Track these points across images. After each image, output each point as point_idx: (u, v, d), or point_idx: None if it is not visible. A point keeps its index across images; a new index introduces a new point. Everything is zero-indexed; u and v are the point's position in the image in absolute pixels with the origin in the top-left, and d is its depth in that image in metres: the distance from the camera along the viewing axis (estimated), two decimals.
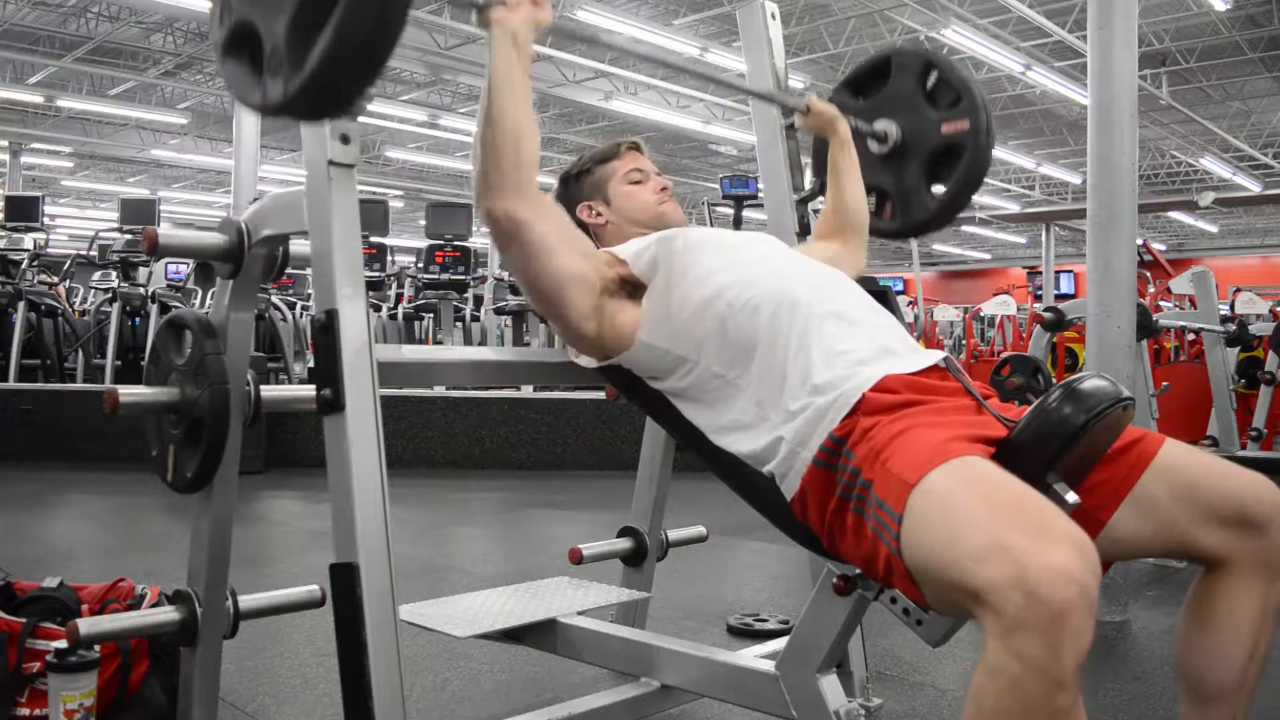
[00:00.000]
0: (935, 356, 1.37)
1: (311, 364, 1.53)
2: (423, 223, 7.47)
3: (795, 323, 1.35)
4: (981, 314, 11.98)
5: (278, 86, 0.99)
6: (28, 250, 6.66)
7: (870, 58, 2.00)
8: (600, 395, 5.08)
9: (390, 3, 0.93)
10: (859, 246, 1.83)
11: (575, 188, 1.73)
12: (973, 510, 1.03)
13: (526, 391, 5.91)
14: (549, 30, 1.42)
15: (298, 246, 1.56)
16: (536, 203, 1.38)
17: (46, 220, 7.32)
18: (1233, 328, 5.44)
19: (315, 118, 1.30)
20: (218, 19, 1.10)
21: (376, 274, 7.45)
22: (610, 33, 9.06)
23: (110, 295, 6.94)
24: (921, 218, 1.92)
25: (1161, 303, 8.52)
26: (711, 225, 6.61)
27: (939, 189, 1.90)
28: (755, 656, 1.59)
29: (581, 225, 1.72)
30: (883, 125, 1.91)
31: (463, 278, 7.09)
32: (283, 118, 1.04)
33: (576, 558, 2.12)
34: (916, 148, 1.90)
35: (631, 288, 1.49)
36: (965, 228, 21.77)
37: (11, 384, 5.96)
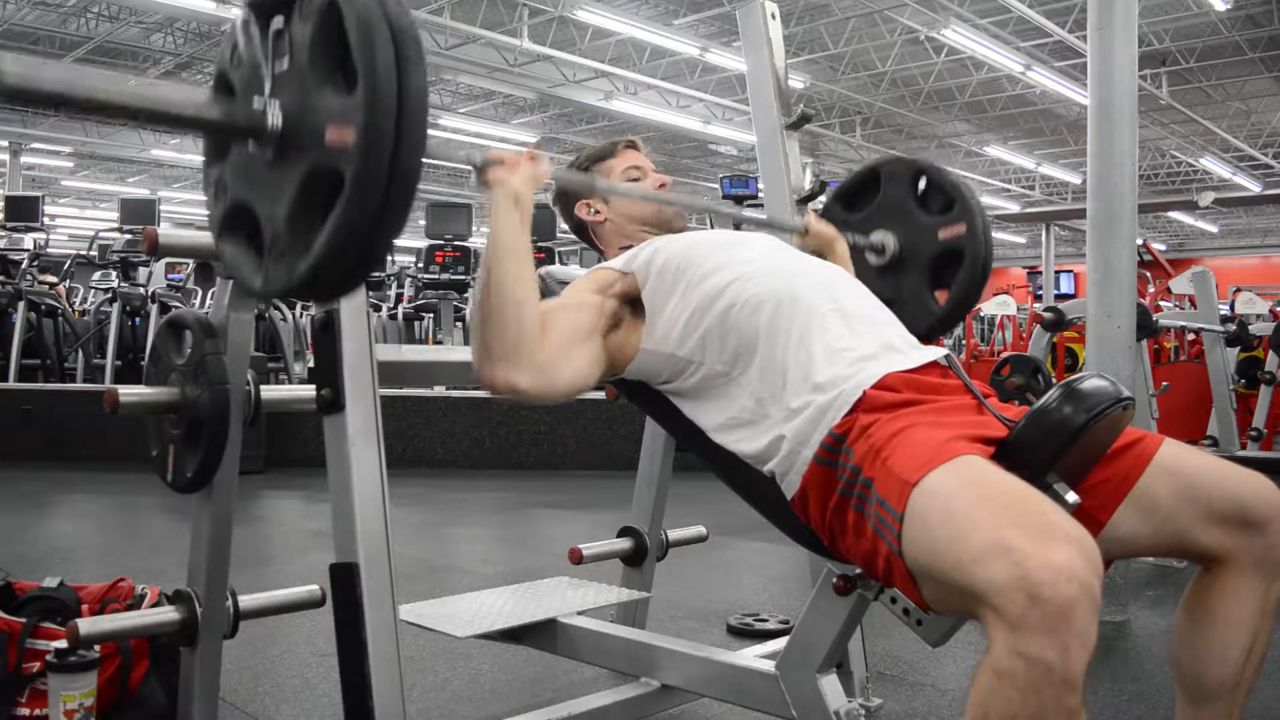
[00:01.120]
0: (936, 353, 1.37)
1: (311, 364, 1.53)
2: (423, 223, 7.47)
3: (796, 319, 1.35)
4: (981, 314, 11.98)
5: (280, 274, 0.98)
6: (28, 250, 6.66)
7: (857, 172, 2.00)
8: (600, 395, 5.08)
9: (395, 190, 0.90)
10: None
11: None
12: (974, 510, 1.03)
13: None
14: (549, 183, 1.41)
15: None
16: (534, 367, 1.32)
17: (46, 220, 7.33)
18: (1233, 328, 5.44)
19: (321, 300, 1.31)
20: (212, 197, 1.09)
21: (376, 274, 7.45)
22: (607, 184, 9.04)
23: (110, 295, 6.94)
24: (926, 325, 1.91)
25: (1161, 303, 8.53)
26: (711, 225, 6.60)
27: (941, 294, 1.90)
28: (755, 656, 1.59)
29: (580, 223, 1.72)
30: (879, 237, 1.91)
31: (463, 278, 7.08)
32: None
33: (576, 558, 2.12)
34: (915, 256, 1.89)
35: (634, 303, 1.48)
36: None
37: (11, 384, 5.96)
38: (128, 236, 6.72)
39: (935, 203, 1.88)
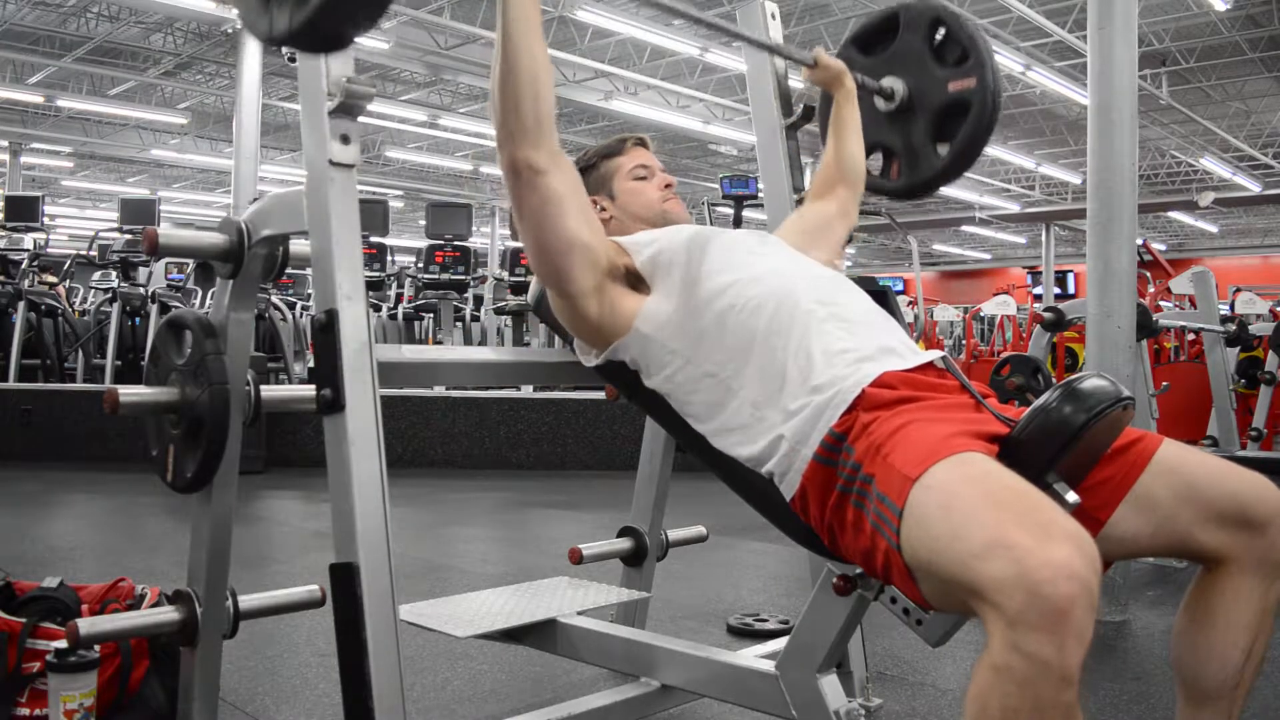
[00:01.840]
0: (933, 355, 1.38)
1: (311, 364, 1.53)
2: (423, 223, 7.47)
3: (796, 322, 1.35)
4: (981, 314, 11.99)
5: (284, 18, 0.99)
6: (28, 250, 6.67)
7: (879, 13, 1.98)
8: (600, 395, 5.09)
9: None
10: (852, 204, 1.83)
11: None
12: (974, 507, 1.03)
13: (526, 391, 5.92)
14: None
15: (298, 246, 1.56)
16: (555, 155, 1.37)
17: (46, 220, 7.33)
18: (1233, 328, 5.43)
19: (320, 51, 1.30)
20: None
21: (376, 274, 7.45)
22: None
23: (110, 295, 6.94)
24: (927, 175, 1.91)
25: (1161, 303, 8.52)
26: (712, 225, 6.61)
27: (945, 147, 1.89)
28: (755, 656, 1.59)
29: None
30: (889, 82, 1.90)
31: (463, 278, 7.09)
32: (289, 48, 1.04)
33: (576, 558, 2.12)
34: (923, 105, 1.89)
35: (634, 278, 1.50)
36: (965, 228, 21.77)
37: (11, 384, 5.96)
38: (128, 236, 6.72)
39: (950, 54, 1.86)
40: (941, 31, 1.88)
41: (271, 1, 1.00)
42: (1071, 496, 1.18)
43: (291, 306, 7.58)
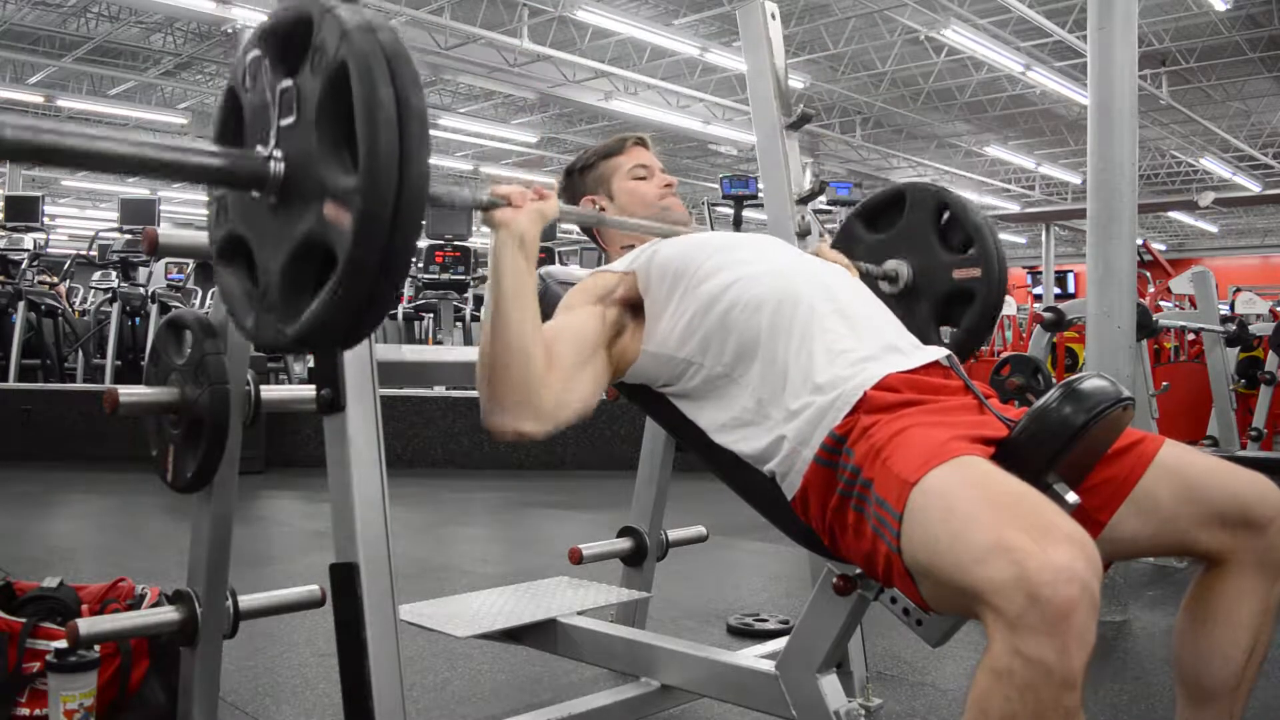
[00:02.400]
0: (938, 354, 1.37)
1: (311, 364, 1.53)
2: (423, 223, 7.47)
3: (798, 320, 1.35)
4: None
5: (269, 326, 0.98)
6: (28, 250, 6.66)
7: (885, 191, 2.00)
8: (600, 395, 5.08)
9: (383, 277, 0.90)
10: None
11: (579, 181, 1.74)
12: (974, 510, 1.03)
13: None
14: (556, 218, 1.39)
15: None
16: (545, 403, 1.31)
17: (46, 220, 7.32)
18: (1233, 328, 5.43)
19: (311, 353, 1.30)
20: (214, 213, 1.07)
21: None
22: (613, 220, 9.03)
23: (110, 295, 6.94)
24: None
25: (1161, 303, 8.53)
26: (711, 225, 6.61)
27: (947, 330, 1.90)
28: (755, 656, 1.59)
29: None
30: (894, 265, 1.91)
31: (463, 278, 7.08)
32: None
33: (576, 558, 2.12)
34: (927, 289, 1.90)
35: (634, 308, 1.47)
36: None
37: (11, 384, 5.96)
38: (128, 236, 6.72)
39: (955, 238, 1.88)
40: (946, 215, 1.89)
41: (259, 307, 0.99)
42: (1071, 497, 1.18)
43: None
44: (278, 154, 0.95)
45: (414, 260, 9.63)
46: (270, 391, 1.61)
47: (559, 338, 1.37)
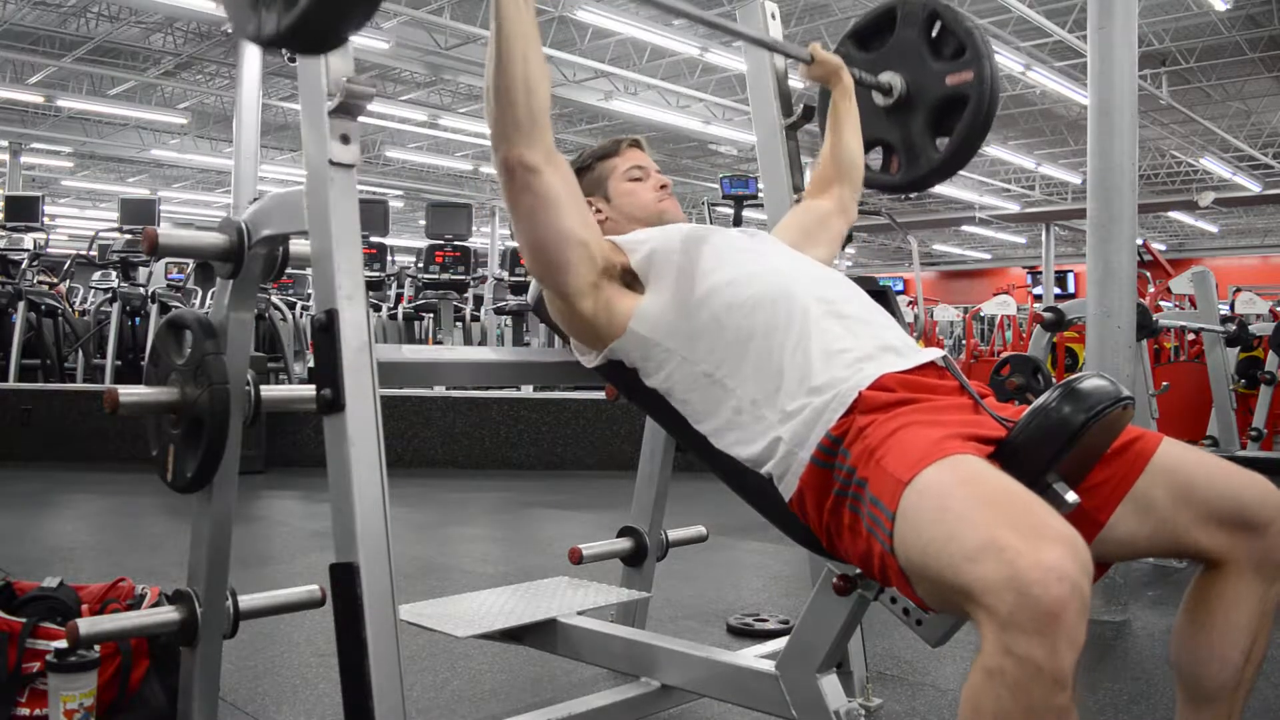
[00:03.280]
0: (933, 354, 1.37)
1: (311, 364, 1.53)
2: (423, 223, 7.47)
3: (793, 321, 1.35)
4: (981, 314, 11.99)
5: (271, 20, 0.99)
6: (28, 250, 6.67)
7: (875, 8, 1.99)
8: (600, 395, 5.08)
9: None
10: (851, 200, 1.84)
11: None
12: (966, 509, 1.03)
13: (526, 391, 5.92)
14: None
15: (298, 246, 1.56)
16: (550, 153, 1.38)
17: (46, 220, 7.33)
18: (1233, 328, 5.44)
19: (311, 52, 1.31)
20: None
21: (376, 274, 7.45)
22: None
23: (110, 295, 6.94)
24: (926, 170, 1.91)
25: (1161, 303, 8.52)
26: (711, 222, 6.60)
27: (944, 141, 1.89)
28: (755, 656, 1.58)
29: None
30: (887, 77, 1.90)
31: (463, 278, 7.08)
32: (276, 49, 1.05)
33: (576, 558, 2.12)
34: (921, 99, 1.89)
35: (630, 277, 1.50)
36: (965, 228, 21.77)
37: (11, 384, 5.96)
38: (128, 236, 6.72)
39: (947, 48, 1.87)
40: (938, 26, 1.88)
41: (260, 3, 1.00)
42: (1071, 496, 1.18)
43: (291, 306, 7.58)
44: None
45: (414, 260, 9.60)
46: (270, 391, 1.61)
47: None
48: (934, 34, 1.88)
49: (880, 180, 1.97)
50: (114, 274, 7.10)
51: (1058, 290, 14.83)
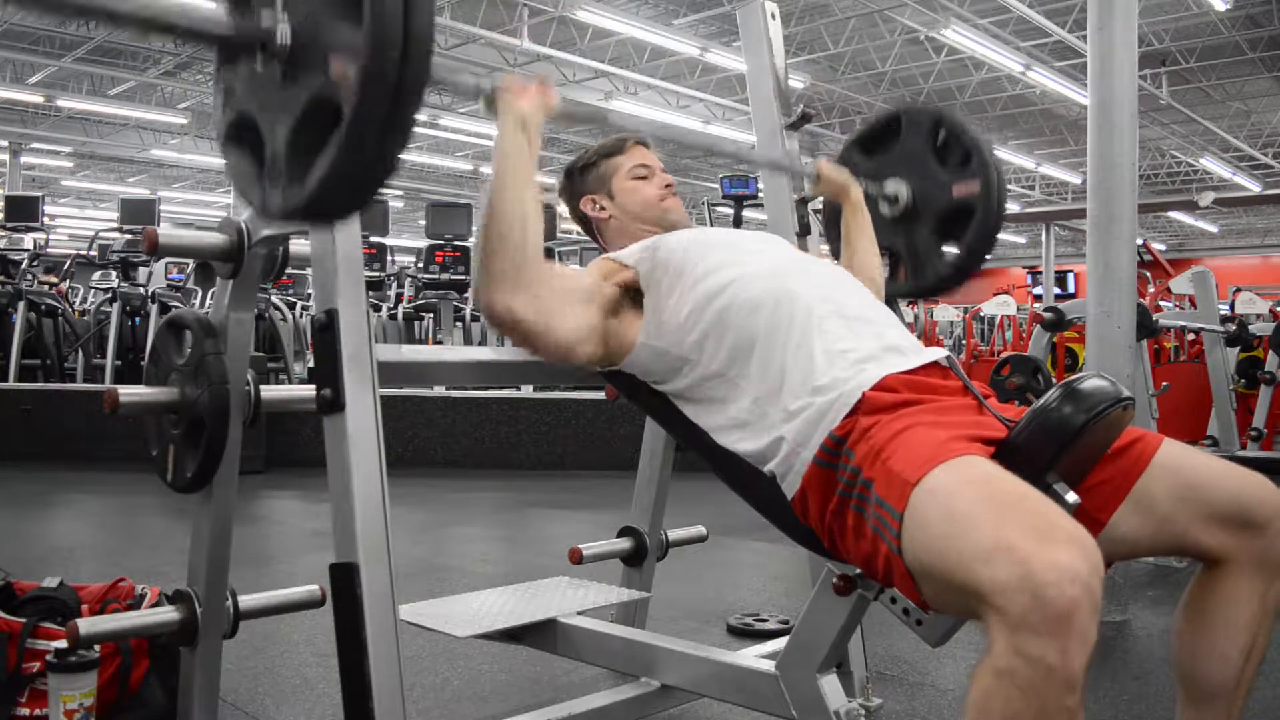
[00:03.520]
0: (937, 354, 1.37)
1: (311, 364, 1.53)
2: (423, 223, 7.47)
3: (796, 320, 1.35)
4: (981, 314, 11.98)
5: (277, 196, 0.99)
6: (28, 250, 6.66)
7: (880, 115, 2.00)
8: (600, 395, 5.09)
9: (390, 134, 0.91)
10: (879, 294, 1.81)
11: (580, 181, 1.74)
12: (975, 510, 1.03)
13: (526, 391, 5.92)
14: (557, 114, 1.41)
15: (298, 246, 1.56)
16: (538, 290, 1.33)
17: (46, 220, 7.32)
18: (1233, 328, 5.44)
19: (316, 225, 1.33)
20: (220, 105, 1.10)
21: (376, 274, 7.44)
22: (617, 113, 9.09)
23: (110, 295, 6.94)
24: (934, 280, 1.92)
25: (1161, 303, 8.52)
26: (711, 225, 6.61)
27: (951, 249, 1.89)
28: (755, 656, 1.59)
29: (584, 218, 1.73)
30: (893, 187, 1.91)
31: (463, 278, 7.08)
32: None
33: (576, 558, 2.12)
34: (928, 209, 1.89)
35: (634, 295, 1.48)
36: None
37: (11, 384, 5.95)
38: (128, 236, 6.72)
39: (953, 156, 1.87)
40: (943, 133, 1.89)
41: (267, 182, 1.00)
42: (1071, 497, 1.18)
43: (291, 306, 7.58)
44: (284, 16, 0.97)
45: (414, 260, 9.60)
46: (270, 391, 1.61)
47: (557, 271, 1.41)
48: (939, 141, 1.89)
49: (889, 288, 1.94)
50: (114, 274, 7.10)
51: (1058, 290, 14.82)
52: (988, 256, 1.92)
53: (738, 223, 5.72)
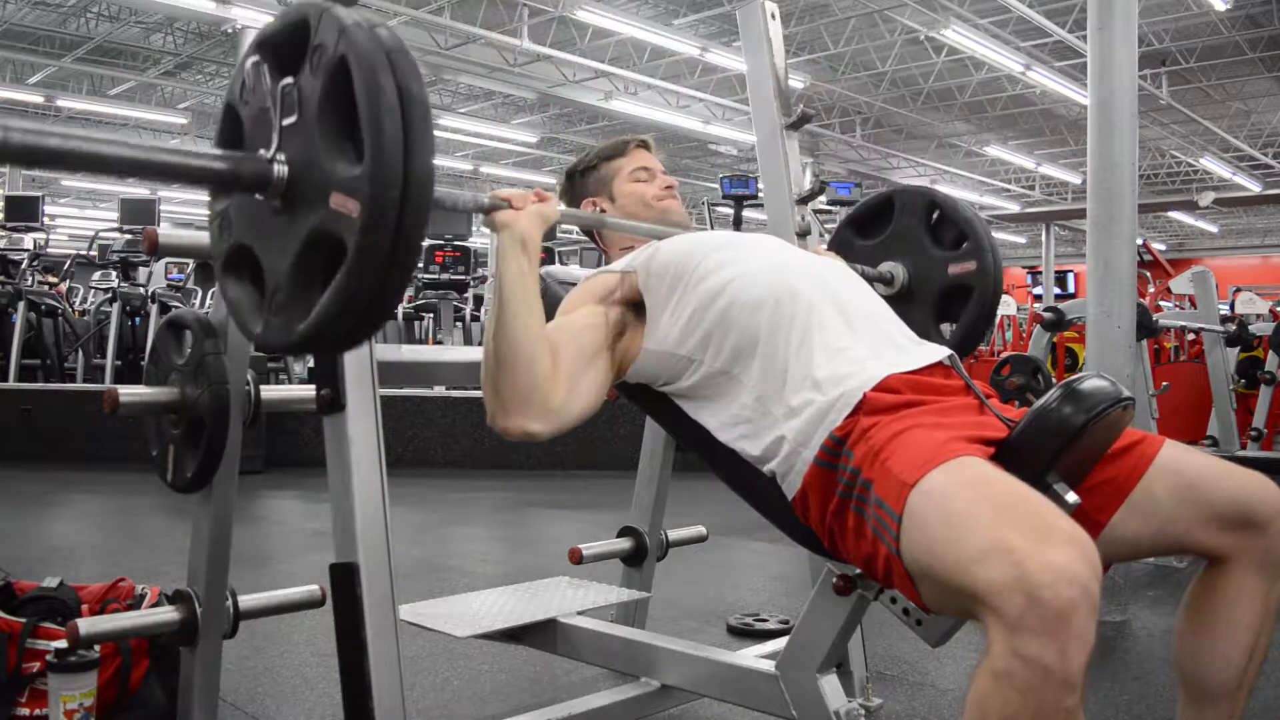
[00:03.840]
0: (940, 353, 1.37)
1: (311, 364, 1.53)
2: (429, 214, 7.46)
3: (797, 317, 1.35)
4: None
5: (280, 327, 0.98)
6: (28, 250, 6.66)
7: (871, 198, 2.00)
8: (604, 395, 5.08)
9: (393, 265, 0.90)
10: None
11: (581, 183, 1.74)
12: (973, 511, 1.03)
13: None
14: (558, 221, 1.41)
15: None
16: (550, 398, 1.32)
17: (46, 220, 7.32)
18: (1233, 328, 5.43)
19: (321, 355, 1.32)
20: (216, 230, 1.08)
21: None
22: (616, 222, 9.05)
23: (110, 295, 6.94)
24: None
25: (1161, 303, 8.53)
26: (711, 225, 6.60)
27: (948, 326, 1.90)
28: (755, 656, 1.59)
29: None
30: (888, 268, 1.91)
31: (463, 278, 7.08)
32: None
33: (576, 558, 2.12)
34: (924, 289, 1.89)
35: (636, 307, 1.47)
36: None
37: (11, 384, 5.96)
38: (128, 236, 6.72)
39: (947, 235, 1.88)
40: (936, 214, 1.89)
41: (268, 313, 0.99)
42: (1071, 497, 1.18)
43: None
44: (281, 156, 0.96)
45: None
46: (270, 391, 1.61)
47: (561, 339, 1.37)
48: (933, 222, 1.90)
49: None
50: (114, 274, 7.10)
51: (1058, 290, 14.81)
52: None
53: (738, 223, 5.71)
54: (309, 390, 1.39)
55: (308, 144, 0.94)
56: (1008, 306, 10.89)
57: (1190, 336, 7.40)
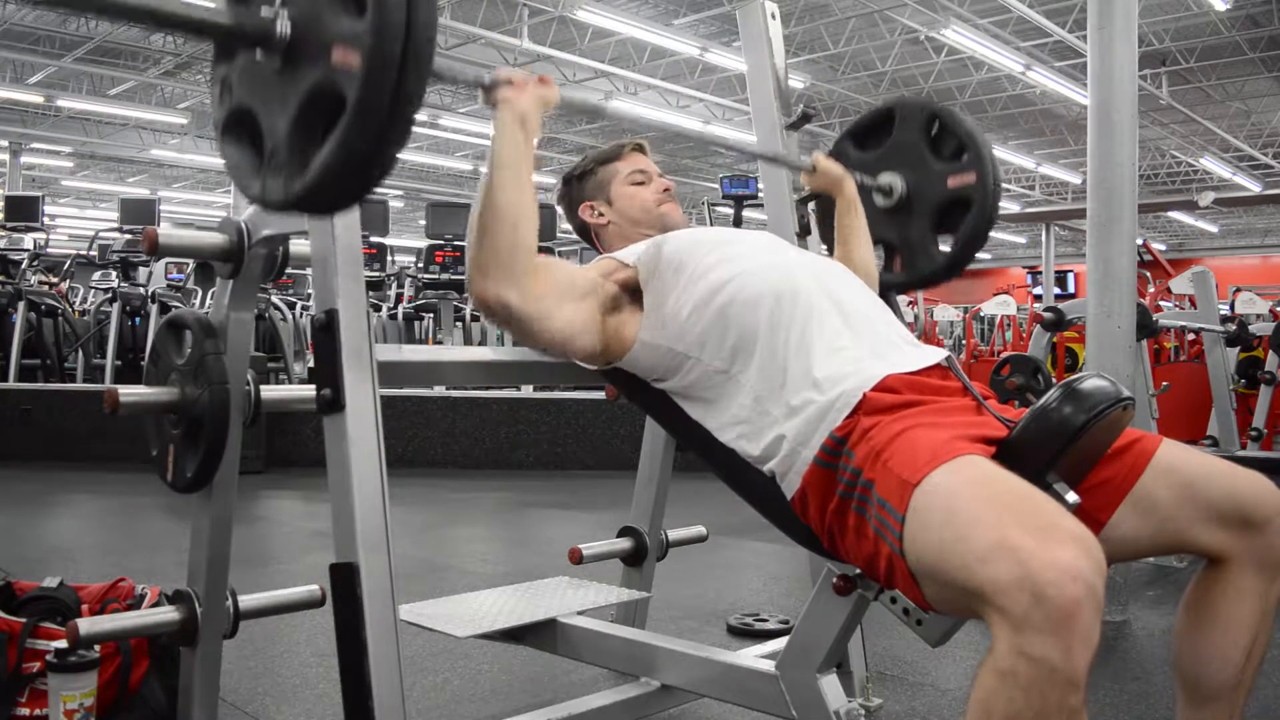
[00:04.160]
0: (938, 355, 1.37)
1: (311, 364, 1.53)
2: (423, 223, 7.47)
3: (797, 316, 1.35)
4: (981, 314, 11.98)
5: (278, 186, 0.99)
6: (28, 250, 6.67)
7: (872, 110, 2.00)
8: (600, 395, 5.09)
9: (393, 118, 0.91)
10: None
11: (578, 188, 1.74)
12: (977, 510, 1.03)
13: (526, 391, 5.92)
14: (558, 106, 1.41)
15: (298, 246, 1.56)
16: (530, 281, 1.33)
17: (46, 220, 7.33)
18: (1233, 328, 5.43)
19: (316, 214, 1.32)
20: (217, 97, 1.09)
21: (376, 274, 7.44)
22: (612, 101, 9.07)
23: (110, 295, 6.94)
24: (929, 270, 1.92)
25: (1161, 303, 8.52)
26: (712, 225, 6.60)
27: (946, 241, 1.89)
28: (755, 656, 1.59)
29: (583, 224, 1.73)
30: (888, 179, 1.90)
31: (463, 278, 7.06)
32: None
33: (576, 558, 2.12)
34: (922, 201, 1.89)
35: (634, 293, 1.48)
36: None
37: (11, 384, 5.95)
38: (128, 236, 6.72)
39: (947, 148, 1.87)
40: (937, 126, 1.89)
41: (267, 173, 1.00)
42: (1071, 497, 1.19)
43: (291, 306, 7.58)
44: (284, 11, 0.97)
45: (414, 260, 9.60)
46: (270, 391, 1.61)
47: (553, 264, 1.40)
48: (933, 134, 1.89)
49: (883, 279, 1.93)
50: (114, 274, 7.10)
51: (1058, 290, 14.83)
52: (983, 248, 1.92)
53: (738, 223, 5.71)
54: (309, 390, 1.39)
55: (311, 1, 0.96)
56: (1008, 306, 10.89)
57: (1190, 336, 7.40)
